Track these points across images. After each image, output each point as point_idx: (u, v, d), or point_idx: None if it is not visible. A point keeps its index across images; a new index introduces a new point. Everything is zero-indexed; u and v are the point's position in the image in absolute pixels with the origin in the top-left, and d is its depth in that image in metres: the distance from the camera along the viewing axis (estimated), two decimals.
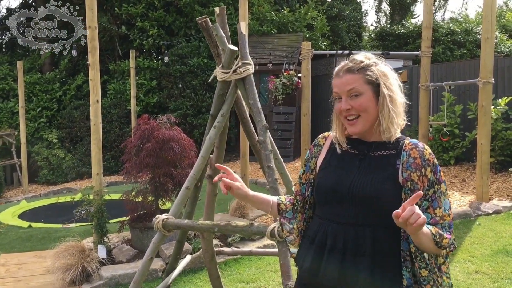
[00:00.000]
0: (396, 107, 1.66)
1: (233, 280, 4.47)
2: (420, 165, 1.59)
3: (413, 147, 1.62)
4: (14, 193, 11.62)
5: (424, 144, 1.65)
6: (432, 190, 1.58)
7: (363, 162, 1.68)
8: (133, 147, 4.91)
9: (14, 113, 13.03)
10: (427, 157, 1.60)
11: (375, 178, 1.61)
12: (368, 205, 1.61)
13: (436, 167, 1.60)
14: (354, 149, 1.74)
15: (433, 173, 1.59)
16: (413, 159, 1.60)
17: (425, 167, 1.59)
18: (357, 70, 1.66)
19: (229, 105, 3.30)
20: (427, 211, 1.57)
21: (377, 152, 1.67)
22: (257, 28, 13.15)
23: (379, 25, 23.31)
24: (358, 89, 1.65)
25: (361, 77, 1.65)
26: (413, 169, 1.59)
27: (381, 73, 1.66)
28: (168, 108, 12.63)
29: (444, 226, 1.59)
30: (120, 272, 4.54)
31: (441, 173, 1.60)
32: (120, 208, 6.52)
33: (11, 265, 5.14)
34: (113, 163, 12.22)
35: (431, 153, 1.62)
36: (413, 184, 1.58)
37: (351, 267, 1.60)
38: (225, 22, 3.29)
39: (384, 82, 1.65)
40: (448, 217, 1.58)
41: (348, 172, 1.68)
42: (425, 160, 1.60)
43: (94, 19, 4.95)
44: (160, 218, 3.08)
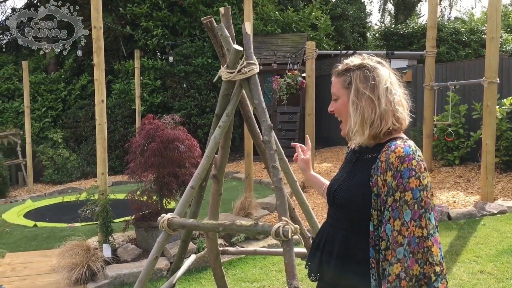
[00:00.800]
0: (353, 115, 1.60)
1: (237, 279, 4.48)
2: (383, 168, 1.50)
3: (385, 149, 1.54)
4: (19, 193, 11.68)
5: (399, 146, 1.51)
6: (392, 198, 1.45)
7: (355, 165, 1.69)
8: (138, 146, 4.93)
9: (19, 113, 13.09)
10: (391, 161, 1.48)
11: (353, 183, 1.61)
12: (343, 209, 1.64)
13: (400, 172, 1.44)
14: (356, 151, 1.74)
15: (394, 178, 1.45)
16: (380, 163, 1.53)
17: (387, 171, 1.48)
18: (338, 74, 1.68)
19: (234, 105, 3.31)
20: (389, 222, 1.46)
21: (367, 156, 1.65)
22: (261, 28, 13.16)
23: (383, 24, 23.26)
24: (336, 93, 1.68)
25: (340, 81, 1.67)
26: (379, 173, 1.52)
27: (360, 77, 1.60)
28: (172, 108, 12.65)
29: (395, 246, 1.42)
30: (125, 271, 4.56)
31: (410, 180, 1.43)
32: (124, 207, 6.54)
33: (16, 264, 5.17)
34: (117, 163, 12.26)
35: (399, 157, 1.47)
36: (378, 189, 1.51)
37: (325, 266, 1.69)
38: (230, 22, 3.30)
39: (357, 87, 1.60)
40: (406, 231, 1.41)
41: (342, 175, 1.73)
42: (388, 163, 1.49)
43: (99, 19, 4.97)
44: (165, 217, 3.09)
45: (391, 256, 1.43)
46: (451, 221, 5.78)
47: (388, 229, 1.46)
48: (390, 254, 1.44)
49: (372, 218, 1.53)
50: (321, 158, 10.90)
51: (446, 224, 5.66)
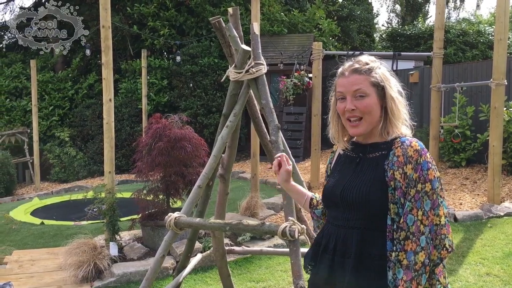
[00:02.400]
0: (399, 110, 1.68)
1: (243, 279, 4.49)
2: (402, 162, 1.57)
3: (399, 145, 1.61)
4: (26, 190, 11.75)
5: (413, 141, 1.61)
6: (414, 189, 1.54)
7: (359, 166, 1.70)
8: (145, 145, 4.95)
9: (27, 111, 13.17)
10: (410, 154, 1.56)
11: (364, 181, 1.63)
12: (357, 208, 1.64)
13: (420, 164, 1.55)
14: (353, 152, 1.77)
15: (415, 170, 1.54)
16: (396, 158, 1.58)
17: (406, 164, 1.56)
18: (364, 71, 1.66)
19: (242, 105, 3.32)
20: (411, 212, 1.54)
21: (372, 154, 1.69)
22: (268, 28, 13.17)
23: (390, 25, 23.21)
24: (365, 90, 1.65)
25: (367, 78, 1.66)
26: (396, 167, 1.57)
27: (385, 76, 1.68)
28: (178, 107, 12.69)
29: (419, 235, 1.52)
30: (131, 269, 4.58)
31: (429, 171, 1.55)
32: (131, 206, 6.57)
33: (24, 261, 5.21)
34: (123, 162, 12.30)
35: (417, 151, 1.57)
36: (396, 183, 1.57)
37: (339, 269, 1.66)
38: (238, 22, 3.31)
39: (389, 85, 1.67)
40: (426, 220, 1.53)
41: (344, 176, 1.73)
42: (407, 157, 1.56)
43: (108, 18, 5.00)
44: (172, 216, 3.11)
45: (416, 245, 1.51)
46: (457, 223, 5.77)
47: (409, 219, 1.53)
48: (411, 243, 1.52)
49: (390, 212, 1.58)
50: (327, 159, 10.88)
51: (452, 225, 5.64)
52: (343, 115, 1.71)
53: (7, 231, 6.52)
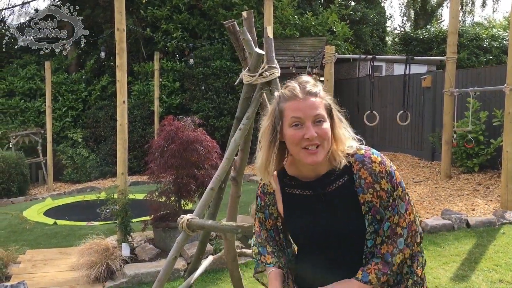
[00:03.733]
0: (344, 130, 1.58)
1: (254, 281, 4.49)
2: (371, 182, 1.52)
3: (361, 166, 1.53)
4: (39, 191, 11.88)
5: (370, 155, 1.54)
6: (391, 198, 1.52)
7: (326, 204, 1.58)
8: (157, 147, 4.99)
9: (41, 112, 13.32)
10: (378, 170, 1.52)
11: (343, 217, 1.55)
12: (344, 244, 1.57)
13: (390, 174, 1.52)
14: (304, 189, 1.62)
15: (389, 181, 1.51)
16: (363, 180, 1.52)
17: (378, 181, 1.51)
18: (317, 94, 1.52)
19: (255, 108, 3.33)
20: (388, 220, 1.53)
21: (332, 186, 1.56)
22: (280, 32, 13.19)
23: (403, 29, 23.12)
24: (323, 114, 1.51)
25: (321, 101, 1.52)
26: (366, 190, 1.52)
27: (329, 97, 1.58)
28: (190, 109, 12.75)
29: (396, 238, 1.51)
30: (143, 270, 4.61)
31: (396, 175, 1.53)
32: (142, 207, 6.61)
33: (37, 260, 5.27)
34: (135, 163, 12.39)
35: (381, 163, 1.53)
36: (369, 204, 1.52)
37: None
38: (252, 26, 3.33)
39: (333, 106, 1.57)
40: (404, 222, 1.52)
41: (316, 218, 1.60)
42: (375, 175, 1.52)
43: (123, 21, 5.05)
44: (185, 218, 3.13)
45: (392, 247, 1.51)
46: (470, 229, 5.72)
47: (386, 226, 1.53)
48: (386, 246, 1.51)
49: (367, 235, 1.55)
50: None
51: (465, 231, 5.59)
52: (298, 144, 1.50)
53: (20, 230, 6.59)
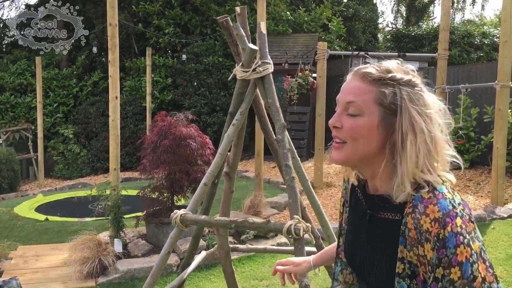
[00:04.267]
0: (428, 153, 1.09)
1: (246, 277, 4.51)
2: (415, 240, 1.06)
3: (411, 211, 1.06)
4: (30, 187, 11.80)
5: (430, 204, 1.04)
6: (433, 275, 1.03)
7: (370, 227, 1.21)
8: (150, 143, 4.98)
9: (31, 108, 13.22)
10: (425, 228, 1.03)
11: (382, 264, 1.15)
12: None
13: (443, 241, 1.00)
14: (362, 196, 1.28)
15: (435, 250, 1.02)
16: (408, 230, 1.07)
17: (422, 243, 1.04)
18: (372, 80, 1.15)
19: (248, 104, 3.34)
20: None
21: (384, 214, 1.16)
22: (273, 28, 13.18)
23: (395, 26, 23.20)
24: (360, 106, 1.14)
25: (373, 91, 1.13)
26: (408, 245, 1.07)
27: (409, 97, 1.11)
28: (182, 106, 12.72)
29: None
30: (135, 266, 4.61)
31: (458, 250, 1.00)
32: (134, 203, 6.61)
33: (28, 256, 5.24)
34: (127, 159, 12.34)
35: (436, 220, 1.01)
36: (409, 266, 1.08)
37: None
38: (245, 21, 3.33)
39: (409, 111, 1.09)
40: None
41: (358, 239, 1.26)
42: (421, 232, 1.04)
43: (115, 16, 5.02)
44: (178, 213, 3.13)
45: None
46: None
47: None
48: None
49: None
50: (330, 159, 10.88)
51: None
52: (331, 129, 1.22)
53: (11, 226, 6.55)
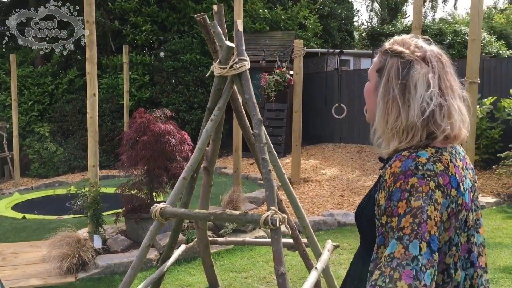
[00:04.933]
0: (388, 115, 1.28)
1: (225, 269, 4.61)
2: (379, 187, 1.27)
3: (388, 164, 1.27)
4: (5, 186, 11.64)
5: (397, 160, 1.23)
6: (379, 222, 1.23)
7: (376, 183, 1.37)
8: (129, 139, 5.03)
9: (6, 106, 13.02)
10: (386, 178, 1.23)
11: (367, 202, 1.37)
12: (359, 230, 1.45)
13: (391, 193, 1.19)
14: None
15: (385, 199, 1.21)
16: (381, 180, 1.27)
17: (381, 189, 1.25)
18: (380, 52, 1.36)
19: (226, 99, 3.44)
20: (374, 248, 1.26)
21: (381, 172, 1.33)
22: (250, 25, 13.28)
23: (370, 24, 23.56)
24: (368, 73, 1.38)
25: (376, 62, 1.36)
26: (378, 191, 1.27)
27: (394, 69, 1.27)
28: (160, 103, 12.71)
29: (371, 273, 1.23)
30: (115, 261, 4.66)
31: (400, 203, 1.16)
32: (113, 201, 6.63)
33: (7, 254, 5.23)
34: (105, 157, 12.27)
35: (393, 174, 1.20)
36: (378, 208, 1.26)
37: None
38: (222, 19, 3.43)
39: (389, 79, 1.27)
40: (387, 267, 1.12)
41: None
42: (383, 181, 1.24)
43: (92, 13, 5.05)
44: (158, 206, 3.21)
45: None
46: None
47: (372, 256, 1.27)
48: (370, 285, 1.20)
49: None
50: (307, 155, 11.07)
51: None
52: None
53: None
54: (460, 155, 1.34)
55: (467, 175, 1.33)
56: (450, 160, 1.26)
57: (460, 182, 1.25)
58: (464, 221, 1.27)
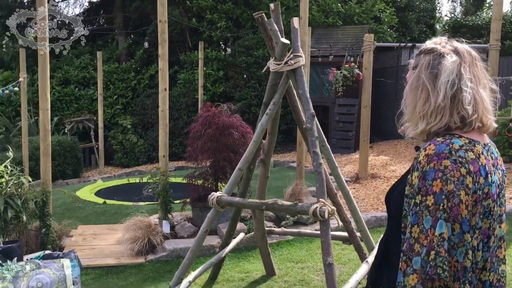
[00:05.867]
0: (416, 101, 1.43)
1: (283, 259, 4.75)
2: (412, 168, 1.37)
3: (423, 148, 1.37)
4: (91, 173, 12.61)
5: (432, 144, 1.33)
6: (413, 201, 1.32)
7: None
8: (196, 132, 5.31)
9: (93, 99, 14.06)
10: (420, 159, 1.33)
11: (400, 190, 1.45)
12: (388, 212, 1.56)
13: (425, 173, 1.29)
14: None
15: (419, 178, 1.31)
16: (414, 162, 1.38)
17: (414, 170, 1.35)
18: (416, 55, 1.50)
19: (281, 94, 3.56)
20: (407, 227, 1.34)
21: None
22: (323, 20, 13.23)
23: (453, 15, 22.42)
24: (407, 77, 1.51)
25: (413, 62, 1.50)
26: (411, 172, 1.38)
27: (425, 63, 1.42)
28: (233, 97, 13.08)
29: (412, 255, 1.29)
30: (181, 245, 4.98)
31: (434, 182, 1.27)
32: (184, 190, 6.99)
33: (87, 235, 5.75)
34: (180, 149, 12.88)
35: (427, 155, 1.31)
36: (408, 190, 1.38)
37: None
38: (279, 17, 3.55)
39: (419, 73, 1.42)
40: (424, 240, 1.26)
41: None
42: (417, 162, 1.34)
43: (165, 13, 5.37)
44: (215, 195, 3.42)
45: (406, 266, 1.30)
46: None
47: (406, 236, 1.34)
48: (401, 263, 1.33)
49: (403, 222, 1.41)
50: (378, 151, 10.88)
51: None
52: None
53: (73, 208, 7.14)
54: (493, 154, 1.43)
55: (497, 173, 1.41)
56: (481, 152, 1.35)
57: (488, 173, 1.34)
58: (489, 210, 1.36)
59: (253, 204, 3.36)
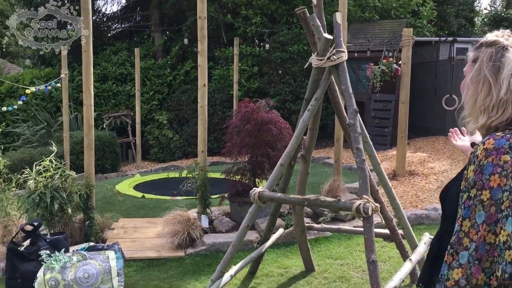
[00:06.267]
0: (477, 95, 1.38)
1: (322, 256, 4.74)
2: (469, 162, 1.33)
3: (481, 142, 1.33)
4: (129, 168, 12.88)
5: (492, 138, 1.30)
6: (467, 194, 1.28)
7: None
8: (234, 128, 5.35)
9: (131, 95, 14.33)
10: (477, 153, 1.29)
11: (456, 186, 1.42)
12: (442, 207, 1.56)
13: (483, 167, 1.25)
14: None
15: (475, 172, 1.27)
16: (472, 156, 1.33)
17: (470, 164, 1.31)
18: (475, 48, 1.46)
19: (323, 90, 3.55)
20: (458, 220, 1.30)
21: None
22: (359, 15, 13.05)
23: (494, 8, 21.71)
24: (464, 70, 1.47)
25: (471, 56, 1.46)
26: (467, 166, 1.34)
27: (486, 56, 1.38)
28: (268, 93, 13.08)
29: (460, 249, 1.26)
30: (220, 240, 5.04)
31: (492, 177, 1.23)
32: (220, 185, 7.06)
33: (128, 228, 5.89)
34: (215, 144, 12.99)
35: (486, 150, 1.27)
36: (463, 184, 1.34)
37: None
38: (321, 12, 3.53)
39: (481, 66, 1.38)
40: (475, 235, 1.23)
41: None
42: (474, 156, 1.30)
43: (204, 9, 5.42)
44: (257, 190, 3.44)
45: (452, 259, 1.27)
46: None
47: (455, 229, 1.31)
48: (447, 255, 1.30)
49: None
50: (415, 148, 10.68)
51: None
52: None
53: (113, 202, 7.32)
54: None
55: None
56: None
57: None
58: None
59: (295, 200, 3.37)
